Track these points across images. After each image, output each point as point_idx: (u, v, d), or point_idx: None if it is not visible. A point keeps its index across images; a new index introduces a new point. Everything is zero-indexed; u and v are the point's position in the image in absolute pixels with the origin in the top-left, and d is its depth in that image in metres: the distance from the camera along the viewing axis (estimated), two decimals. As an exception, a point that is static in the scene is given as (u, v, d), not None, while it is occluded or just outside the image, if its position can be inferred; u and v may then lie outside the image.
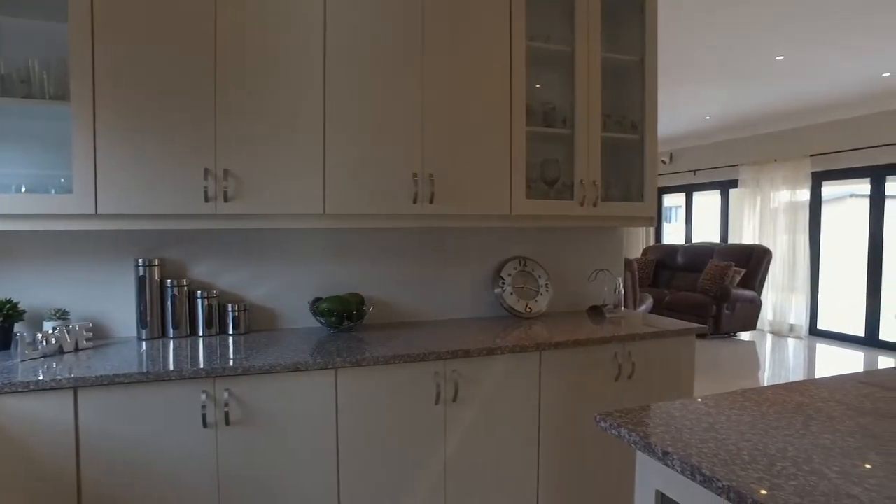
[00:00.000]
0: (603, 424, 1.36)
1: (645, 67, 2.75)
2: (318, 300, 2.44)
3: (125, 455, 1.74)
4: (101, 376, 1.69)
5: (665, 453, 1.16)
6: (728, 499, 1.01)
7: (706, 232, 9.31)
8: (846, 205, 8.03)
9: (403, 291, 2.69)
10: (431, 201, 2.34)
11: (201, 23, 2.03)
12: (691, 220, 9.56)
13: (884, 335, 6.71)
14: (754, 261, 7.33)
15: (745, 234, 8.11)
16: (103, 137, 1.95)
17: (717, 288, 7.05)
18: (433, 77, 2.33)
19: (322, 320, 2.37)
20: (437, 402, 2.09)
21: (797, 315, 7.45)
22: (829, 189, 7.43)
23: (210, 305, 2.31)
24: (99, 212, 1.95)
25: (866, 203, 6.86)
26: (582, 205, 2.60)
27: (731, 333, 7.35)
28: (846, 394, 1.57)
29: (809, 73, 5.23)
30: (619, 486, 2.42)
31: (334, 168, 2.21)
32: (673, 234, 10.40)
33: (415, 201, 2.32)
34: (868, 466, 1.08)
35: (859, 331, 6.93)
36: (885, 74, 5.22)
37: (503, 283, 2.72)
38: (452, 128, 2.37)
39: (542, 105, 2.75)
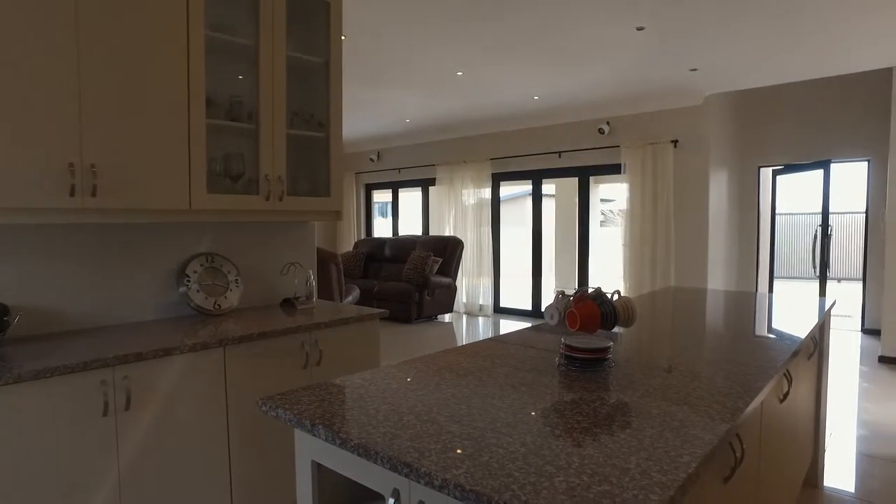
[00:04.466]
0: (264, 409, 1.43)
1: (330, 69, 2.90)
2: (-60, 313, 2.01)
3: None
4: None
5: (313, 425, 1.28)
6: (359, 454, 1.17)
7: (411, 226, 10.21)
8: (525, 202, 9.63)
9: (70, 296, 2.37)
10: (94, 195, 2.11)
11: None
12: (398, 215, 10.38)
13: (545, 307, 8.27)
14: (449, 251, 8.31)
15: (444, 227, 9.12)
16: None
17: (419, 276, 7.80)
18: (93, 58, 2.09)
19: (-53, 337, 1.97)
20: (105, 414, 1.92)
21: (485, 296, 8.68)
22: (508, 188, 8.82)
23: None
24: None
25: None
26: (267, 199, 2.64)
27: (432, 316, 8.21)
28: (477, 354, 1.92)
29: (483, 89, 6.13)
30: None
31: (-44, 153, 1.84)
32: (385, 228, 11.14)
33: (72, 194, 2.06)
34: (468, 408, 1.37)
35: (528, 305, 8.42)
36: (535, 97, 6.43)
37: (188, 281, 2.60)
38: (120, 115, 2.17)
39: (229, 98, 2.70)
